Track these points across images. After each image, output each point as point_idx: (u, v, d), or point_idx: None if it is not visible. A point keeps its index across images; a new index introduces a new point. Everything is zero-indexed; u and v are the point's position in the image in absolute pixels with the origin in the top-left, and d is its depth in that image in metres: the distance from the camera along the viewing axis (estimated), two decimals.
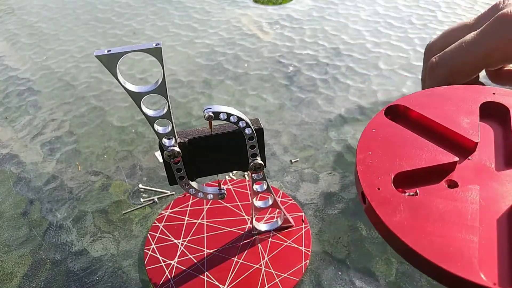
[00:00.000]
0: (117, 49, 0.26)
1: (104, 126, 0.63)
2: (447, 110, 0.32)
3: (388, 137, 0.31)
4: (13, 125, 0.66)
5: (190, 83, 0.72)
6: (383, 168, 0.28)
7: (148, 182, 0.52)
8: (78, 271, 0.42)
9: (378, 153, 0.30)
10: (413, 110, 0.33)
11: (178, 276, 0.39)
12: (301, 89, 0.68)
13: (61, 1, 1.16)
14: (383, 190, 0.26)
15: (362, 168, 0.28)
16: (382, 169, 0.28)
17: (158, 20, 0.99)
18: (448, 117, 0.32)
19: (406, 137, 0.31)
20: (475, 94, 0.34)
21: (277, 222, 0.43)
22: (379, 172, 0.28)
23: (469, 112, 0.32)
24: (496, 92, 0.34)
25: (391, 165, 0.28)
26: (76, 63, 0.82)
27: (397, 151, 0.30)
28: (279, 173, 0.52)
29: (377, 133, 0.31)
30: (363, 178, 0.28)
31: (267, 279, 0.38)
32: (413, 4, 0.99)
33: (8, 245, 0.45)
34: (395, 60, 0.75)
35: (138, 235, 0.45)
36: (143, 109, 0.30)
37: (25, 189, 0.53)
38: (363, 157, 0.29)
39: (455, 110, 0.32)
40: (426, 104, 0.33)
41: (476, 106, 0.32)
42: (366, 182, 0.27)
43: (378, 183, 0.27)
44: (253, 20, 0.95)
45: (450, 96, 0.34)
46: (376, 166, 0.29)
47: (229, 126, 0.33)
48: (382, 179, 0.27)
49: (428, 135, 0.31)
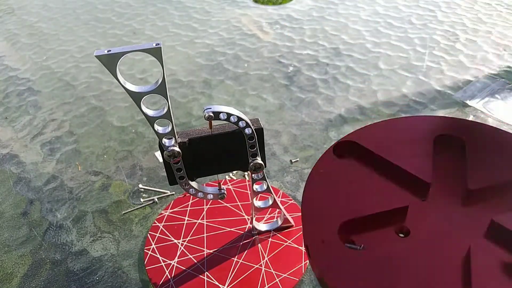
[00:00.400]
0: (117, 49, 0.26)
1: (104, 126, 0.63)
2: (399, 146, 0.30)
3: (336, 178, 0.29)
4: (13, 125, 0.66)
5: (190, 83, 0.72)
6: (329, 216, 0.26)
7: (148, 182, 0.52)
8: (78, 271, 0.42)
9: (324, 197, 0.27)
10: (362, 147, 0.31)
11: (178, 276, 0.39)
12: (301, 89, 0.68)
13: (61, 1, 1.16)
14: (327, 243, 0.24)
15: (306, 219, 0.26)
16: (328, 216, 0.26)
17: (158, 20, 0.99)
18: (400, 154, 0.29)
19: (355, 178, 0.29)
20: (430, 125, 0.32)
21: (277, 222, 0.43)
22: (325, 220, 0.26)
23: (422, 147, 0.30)
24: (452, 123, 0.32)
25: (337, 211, 0.26)
26: (76, 63, 0.82)
27: (344, 195, 0.27)
28: (279, 173, 0.52)
29: (324, 175, 0.29)
30: (307, 230, 0.25)
31: (267, 279, 0.38)
32: (413, 4, 0.98)
33: (8, 245, 0.45)
34: (395, 60, 0.75)
35: (138, 235, 0.45)
36: (143, 109, 0.30)
37: (25, 189, 0.53)
38: (309, 203, 0.27)
39: (408, 145, 0.30)
40: (377, 139, 0.31)
41: (430, 139, 0.30)
42: (310, 234, 0.25)
43: (323, 234, 0.25)
44: (253, 20, 0.95)
45: (405, 128, 0.32)
46: (322, 214, 0.26)
47: (229, 126, 0.33)
48: (328, 229, 0.25)
49: (379, 174, 0.29)
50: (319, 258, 0.23)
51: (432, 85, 0.67)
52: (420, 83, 0.68)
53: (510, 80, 0.68)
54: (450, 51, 0.78)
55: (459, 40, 0.81)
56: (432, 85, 0.68)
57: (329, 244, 0.24)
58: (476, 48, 0.79)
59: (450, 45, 0.80)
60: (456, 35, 0.83)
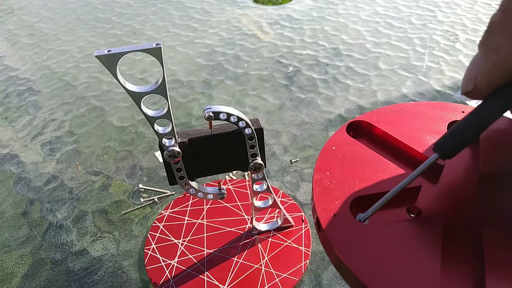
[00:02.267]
0: (117, 49, 0.26)
1: (104, 126, 0.63)
2: (413, 129, 0.30)
3: (348, 156, 0.29)
4: (13, 125, 0.66)
5: (190, 83, 0.72)
6: (341, 192, 0.26)
7: (148, 182, 0.52)
8: (78, 271, 0.42)
9: (336, 173, 0.27)
10: (376, 127, 0.31)
11: (178, 276, 0.39)
12: (301, 89, 0.68)
13: (61, 1, 1.16)
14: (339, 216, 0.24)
15: (318, 191, 0.26)
16: (340, 192, 0.26)
17: (158, 20, 0.99)
18: (414, 136, 0.30)
19: (368, 157, 0.29)
20: (443, 112, 0.32)
21: (277, 222, 0.43)
22: (337, 195, 0.26)
23: (436, 131, 0.30)
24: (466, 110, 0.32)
25: (350, 188, 0.26)
26: (76, 63, 0.82)
27: (357, 173, 0.27)
28: (279, 173, 0.52)
29: (337, 151, 0.29)
30: (319, 203, 0.25)
31: (267, 279, 0.38)
32: (413, 4, 0.99)
33: (8, 245, 0.45)
34: (395, 60, 0.75)
35: (138, 235, 0.45)
36: (143, 109, 0.30)
37: (25, 189, 0.53)
38: (320, 178, 0.27)
39: (422, 128, 0.30)
40: (391, 121, 0.31)
41: (444, 125, 0.30)
42: (321, 207, 0.25)
43: (335, 208, 0.25)
44: (253, 20, 0.95)
45: (417, 113, 0.32)
46: (334, 188, 0.26)
47: (229, 126, 0.34)
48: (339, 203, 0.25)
49: (391, 155, 0.29)
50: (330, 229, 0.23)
51: (432, 85, 0.67)
52: (420, 83, 0.68)
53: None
54: (450, 51, 0.78)
55: (459, 40, 0.81)
56: (432, 85, 0.68)
57: (340, 217, 0.24)
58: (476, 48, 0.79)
59: (450, 45, 0.80)
60: (456, 35, 0.83)
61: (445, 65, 0.73)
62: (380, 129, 0.31)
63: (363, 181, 0.27)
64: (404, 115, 0.32)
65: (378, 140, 0.31)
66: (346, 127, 0.31)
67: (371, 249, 0.22)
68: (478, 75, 0.20)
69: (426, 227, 0.24)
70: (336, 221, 0.24)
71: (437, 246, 0.22)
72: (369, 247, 0.22)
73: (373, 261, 0.22)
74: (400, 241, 0.23)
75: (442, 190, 0.26)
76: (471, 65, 0.21)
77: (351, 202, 0.25)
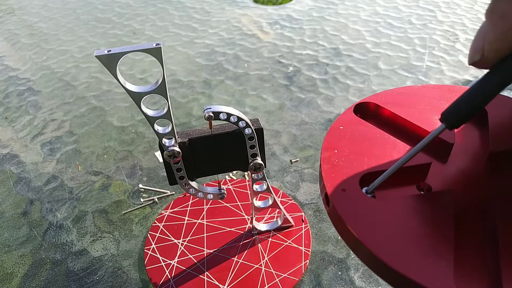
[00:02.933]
0: (117, 49, 0.26)
1: (104, 126, 0.63)
2: (420, 110, 0.30)
3: (356, 135, 0.29)
4: (13, 125, 0.66)
5: (190, 83, 0.72)
6: (349, 168, 0.26)
7: (148, 182, 0.52)
8: (78, 271, 0.42)
9: (344, 151, 0.27)
10: (384, 108, 0.31)
11: (178, 276, 0.39)
12: (301, 89, 0.68)
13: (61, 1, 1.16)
14: (348, 192, 0.24)
15: (326, 167, 0.26)
16: (349, 169, 0.26)
17: (158, 20, 0.99)
18: (422, 117, 0.29)
19: (376, 136, 0.28)
20: (451, 93, 0.32)
21: (277, 222, 0.43)
22: (345, 172, 0.26)
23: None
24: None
25: (359, 165, 0.26)
26: (76, 63, 0.82)
27: (365, 151, 0.27)
28: (279, 173, 0.52)
29: (344, 131, 0.29)
30: (327, 178, 0.25)
31: (267, 279, 0.38)
32: (413, 4, 0.99)
33: (8, 245, 0.45)
34: (395, 60, 0.75)
35: (138, 235, 0.45)
36: (143, 109, 0.30)
37: (25, 189, 0.53)
38: (328, 156, 0.27)
39: (430, 109, 0.30)
40: (398, 103, 0.31)
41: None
42: (330, 182, 0.25)
43: (344, 184, 0.25)
44: (253, 20, 0.95)
45: (424, 95, 0.32)
46: (342, 165, 0.26)
47: (229, 126, 0.34)
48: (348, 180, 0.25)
49: (399, 135, 0.29)
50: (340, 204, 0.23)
51: None
52: (420, 83, 0.68)
53: None
54: (450, 51, 0.78)
55: (459, 40, 0.81)
56: None
57: (350, 192, 0.24)
58: None
59: (450, 45, 0.80)
60: (456, 35, 0.83)
61: (445, 65, 0.73)
62: (388, 110, 0.30)
63: (372, 159, 0.26)
64: (411, 97, 0.32)
65: (386, 121, 0.30)
66: (354, 109, 0.31)
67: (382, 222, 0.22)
68: (485, 44, 0.19)
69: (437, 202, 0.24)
70: (345, 196, 0.24)
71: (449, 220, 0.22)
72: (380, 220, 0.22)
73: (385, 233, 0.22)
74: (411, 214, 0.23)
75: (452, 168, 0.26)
76: (478, 33, 0.20)
77: (360, 178, 0.25)
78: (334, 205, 0.23)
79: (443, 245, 0.21)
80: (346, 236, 0.23)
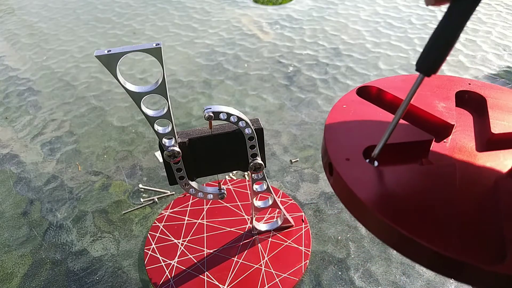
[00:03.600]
0: (117, 49, 0.26)
1: (104, 126, 0.63)
2: (422, 95, 0.31)
3: (359, 113, 0.29)
4: (13, 125, 0.66)
5: (190, 83, 0.72)
6: (353, 141, 0.26)
7: (148, 182, 0.52)
8: (78, 271, 0.42)
9: (348, 126, 0.28)
10: (386, 92, 0.32)
11: (178, 276, 0.39)
12: (301, 89, 0.68)
13: (61, 1, 1.16)
14: (352, 161, 0.24)
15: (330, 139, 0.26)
16: (352, 141, 0.26)
17: (158, 20, 0.99)
18: (424, 100, 0.30)
19: (378, 115, 0.29)
20: (450, 83, 0.33)
21: (277, 222, 0.43)
22: (349, 143, 0.26)
23: (444, 97, 0.31)
24: (472, 83, 0.33)
25: (362, 138, 0.26)
26: (76, 63, 0.82)
27: (368, 126, 0.28)
28: (279, 173, 0.52)
29: (348, 109, 0.30)
30: (331, 148, 0.25)
31: (267, 279, 0.38)
32: (413, 4, 0.99)
33: (8, 245, 0.45)
34: (395, 60, 0.75)
35: (138, 235, 0.45)
36: (143, 109, 0.30)
37: (25, 189, 0.53)
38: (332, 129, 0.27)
39: (431, 95, 0.31)
40: (400, 87, 0.32)
41: (451, 92, 0.32)
42: (334, 151, 0.25)
43: (347, 154, 0.25)
44: (253, 20, 0.95)
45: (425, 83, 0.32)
46: (346, 138, 0.27)
47: (229, 126, 0.34)
48: (352, 150, 0.25)
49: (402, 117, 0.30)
50: (344, 171, 0.23)
51: None
52: None
53: (510, 80, 0.68)
54: None
55: (458, 40, 0.81)
56: None
57: (354, 161, 0.24)
58: (475, 48, 0.79)
59: None
60: None
61: (445, 65, 0.73)
62: (390, 94, 0.31)
63: (375, 133, 0.27)
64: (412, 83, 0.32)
65: (388, 105, 0.31)
66: (356, 91, 0.31)
67: (386, 188, 0.23)
68: None
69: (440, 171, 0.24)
70: (349, 164, 0.24)
71: (451, 189, 0.23)
72: (384, 186, 0.23)
73: (390, 197, 0.22)
74: (415, 181, 0.23)
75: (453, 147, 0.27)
76: None
77: (363, 150, 0.25)
78: (338, 172, 0.23)
79: (445, 208, 0.21)
80: (350, 203, 0.23)
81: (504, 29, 0.85)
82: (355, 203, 0.22)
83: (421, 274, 0.39)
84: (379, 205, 0.21)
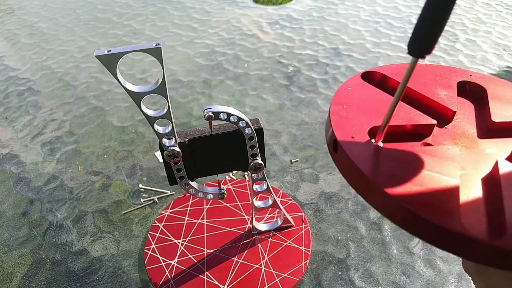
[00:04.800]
0: (117, 49, 0.26)
1: (104, 126, 0.63)
2: (424, 82, 0.32)
3: (364, 96, 0.30)
4: (13, 125, 0.66)
5: (190, 83, 0.72)
6: (358, 121, 0.27)
7: (148, 182, 0.52)
8: (78, 271, 0.42)
9: (353, 107, 0.29)
10: (390, 78, 0.32)
11: (178, 276, 0.39)
12: (301, 89, 0.68)
13: (61, 1, 1.16)
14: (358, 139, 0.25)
15: (336, 118, 0.27)
16: (357, 121, 0.27)
17: (158, 20, 0.99)
18: (426, 87, 0.31)
19: (383, 99, 0.30)
20: (452, 73, 0.34)
21: (277, 222, 0.43)
22: (354, 124, 0.27)
23: (446, 86, 0.32)
24: (473, 74, 0.34)
25: (367, 119, 0.27)
26: (76, 63, 0.82)
27: (373, 108, 0.29)
28: (279, 173, 0.52)
29: (352, 91, 0.30)
30: (337, 126, 0.26)
31: (267, 279, 0.38)
32: (413, 4, 0.99)
33: (8, 245, 0.45)
34: (395, 60, 0.75)
35: (138, 235, 0.45)
36: (143, 109, 0.30)
37: (25, 189, 0.53)
38: (337, 109, 0.28)
39: (433, 83, 0.32)
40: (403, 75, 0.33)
41: (453, 81, 0.32)
42: (339, 130, 0.26)
43: (353, 133, 0.26)
44: (253, 20, 0.95)
45: (428, 71, 0.34)
46: (351, 118, 0.27)
47: (229, 126, 0.34)
48: (357, 130, 0.26)
49: (405, 101, 0.30)
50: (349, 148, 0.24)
51: None
52: None
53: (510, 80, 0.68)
54: (450, 51, 0.78)
55: (459, 40, 0.81)
56: None
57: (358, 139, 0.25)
58: (475, 48, 0.79)
59: (450, 45, 0.80)
60: (456, 35, 0.83)
61: (445, 65, 0.73)
62: (394, 80, 0.32)
63: (380, 115, 0.27)
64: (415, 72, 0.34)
65: (391, 91, 0.32)
66: (361, 76, 0.32)
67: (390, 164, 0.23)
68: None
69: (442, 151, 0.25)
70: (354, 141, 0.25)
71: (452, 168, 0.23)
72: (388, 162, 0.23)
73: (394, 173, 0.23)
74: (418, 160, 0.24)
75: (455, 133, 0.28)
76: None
77: (368, 130, 0.26)
78: (343, 149, 0.24)
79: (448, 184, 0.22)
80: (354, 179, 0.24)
81: (504, 29, 0.85)
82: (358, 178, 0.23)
83: (421, 274, 0.39)
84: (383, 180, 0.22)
